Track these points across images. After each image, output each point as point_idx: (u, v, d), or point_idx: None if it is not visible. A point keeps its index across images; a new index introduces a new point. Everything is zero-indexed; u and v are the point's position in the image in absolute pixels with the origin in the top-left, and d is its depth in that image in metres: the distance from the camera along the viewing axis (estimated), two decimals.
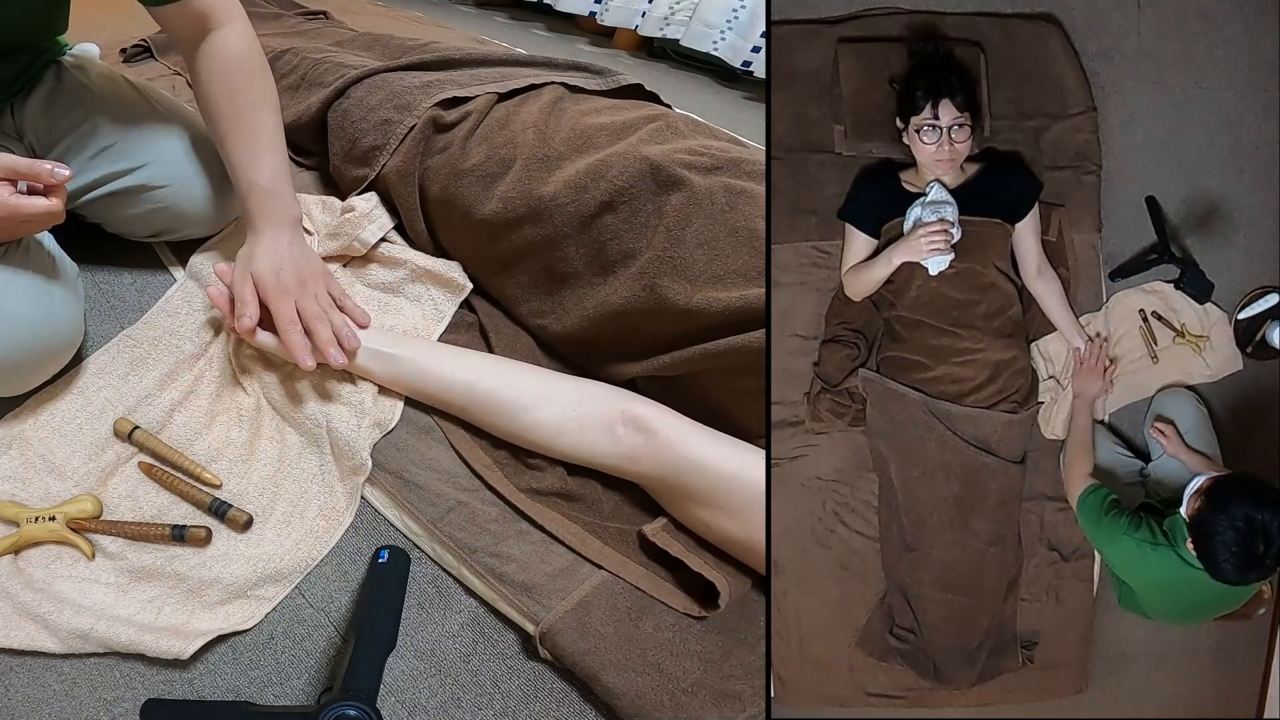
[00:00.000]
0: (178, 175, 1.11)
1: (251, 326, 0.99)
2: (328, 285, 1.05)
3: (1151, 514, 0.97)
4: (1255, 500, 0.81)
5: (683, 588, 0.90)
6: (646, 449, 0.92)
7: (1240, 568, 0.82)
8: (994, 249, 1.05)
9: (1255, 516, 0.81)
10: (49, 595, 0.85)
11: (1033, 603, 1.13)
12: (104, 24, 1.99)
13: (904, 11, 1.10)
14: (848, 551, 1.13)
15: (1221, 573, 0.84)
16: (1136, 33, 1.10)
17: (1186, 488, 0.89)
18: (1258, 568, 0.82)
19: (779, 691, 1.15)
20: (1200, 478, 0.89)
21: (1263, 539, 0.80)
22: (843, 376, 1.10)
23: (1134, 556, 0.95)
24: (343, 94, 1.35)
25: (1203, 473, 1.02)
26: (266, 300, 1.00)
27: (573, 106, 1.21)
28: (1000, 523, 1.08)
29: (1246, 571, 0.82)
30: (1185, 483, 1.03)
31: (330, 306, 1.03)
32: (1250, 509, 0.81)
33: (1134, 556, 0.95)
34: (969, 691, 1.13)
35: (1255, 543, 0.81)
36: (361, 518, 0.97)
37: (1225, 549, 0.82)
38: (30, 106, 1.12)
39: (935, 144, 1.00)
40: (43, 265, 0.98)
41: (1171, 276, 1.08)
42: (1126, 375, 1.13)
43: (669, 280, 0.96)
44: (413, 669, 0.86)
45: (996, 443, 1.06)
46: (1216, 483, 0.86)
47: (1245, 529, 0.81)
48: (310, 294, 1.02)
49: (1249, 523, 0.81)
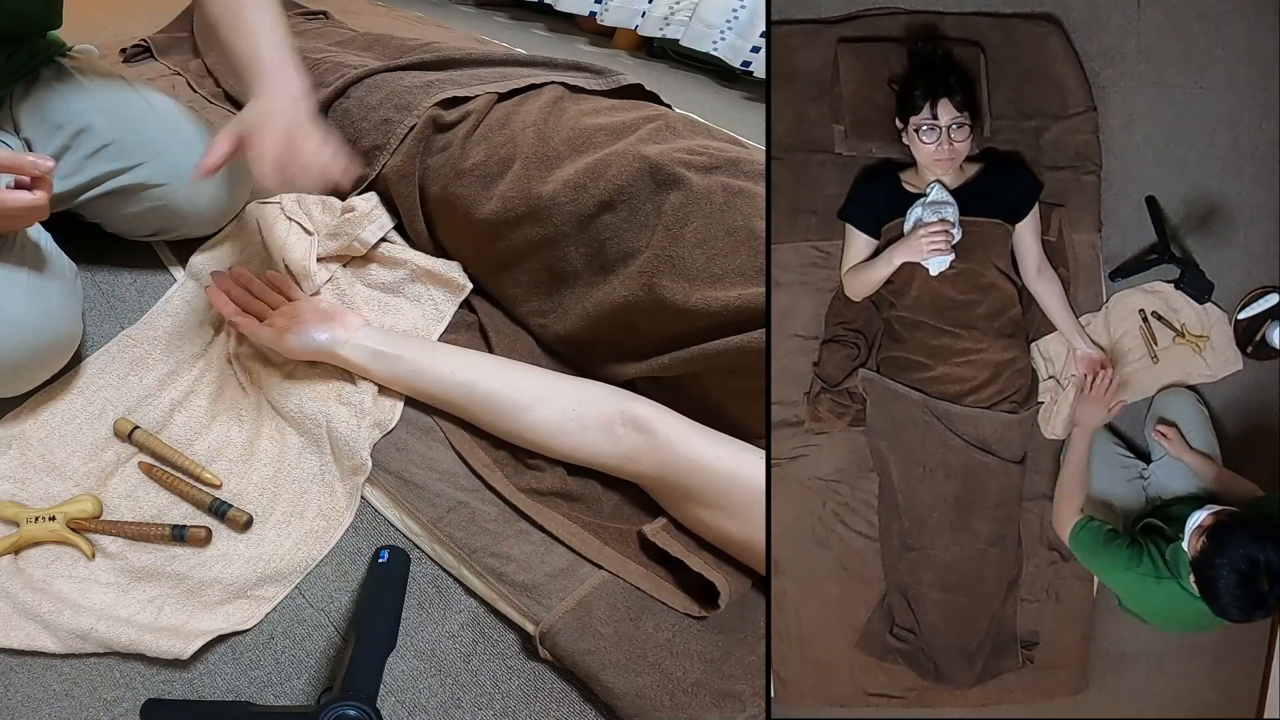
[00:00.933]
0: (176, 173, 1.11)
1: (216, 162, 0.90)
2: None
3: (1153, 535, 0.96)
4: (1257, 540, 0.81)
5: (683, 588, 0.90)
6: (646, 449, 0.92)
7: (1244, 608, 0.82)
8: (994, 249, 1.05)
9: (1258, 557, 0.81)
10: (49, 595, 0.85)
11: (1033, 603, 1.13)
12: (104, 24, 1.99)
13: (904, 11, 1.10)
14: (848, 551, 1.13)
15: (1226, 613, 0.84)
16: (1136, 33, 1.10)
17: (1188, 521, 0.88)
18: (1262, 607, 0.82)
19: (779, 691, 1.15)
20: (1202, 513, 0.88)
21: (1267, 578, 0.80)
22: (843, 376, 1.10)
23: (1138, 589, 0.95)
24: (343, 94, 1.35)
25: (1205, 474, 1.02)
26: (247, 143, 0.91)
27: (572, 106, 1.21)
28: (1000, 523, 1.08)
29: (1251, 611, 0.82)
30: (1186, 483, 1.04)
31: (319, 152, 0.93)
32: (1253, 549, 0.81)
33: (1138, 589, 0.95)
34: (969, 691, 1.13)
35: (1259, 583, 0.81)
36: (361, 518, 0.97)
37: (1228, 591, 0.82)
38: (27, 104, 1.11)
39: (934, 144, 1.00)
40: (40, 265, 0.98)
41: (1171, 276, 1.08)
42: (1127, 375, 1.13)
43: (667, 279, 0.96)
44: (413, 669, 0.86)
45: (996, 443, 1.06)
46: (1218, 523, 0.85)
47: (1248, 570, 0.81)
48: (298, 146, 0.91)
49: (1251, 563, 0.81)
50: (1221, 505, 0.92)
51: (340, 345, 1.04)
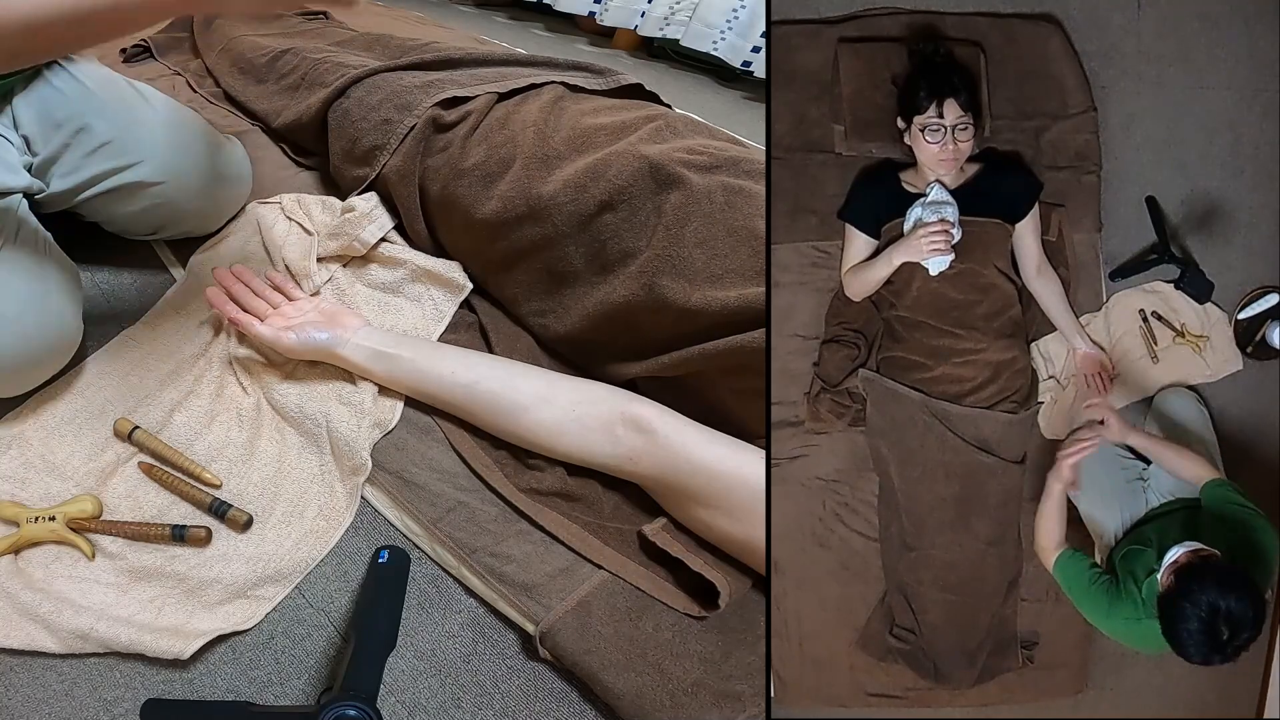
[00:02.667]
0: (175, 170, 1.11)
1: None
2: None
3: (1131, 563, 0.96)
4: (1221, 587, 0.81)
5: (683, 588, 0.90)
6: (647, 450, 0.92)
7: (1203, 652, 0.82)
8: (994, 249, 1.05)
9: (1220, 604, 0.80)
10: (49, 595, 0.85)
11: (1033, 603, 1.13)
12: None
13: (904, 11, 1.10)
14: (848, 551, 1.13)
15: (1185, 655, 0.84)
16: (1136, 33, 1.10)
17: (1166, 555, 0.88)
18: (1220, 653, 0.82)
19: (779, 691, 1.15)
20: (1179, 549, 0.87)
21: (1227, 626, 0.80)
22: (843, 376, 1.10)
23: (1121, 632, 0.95)
24: (343, 94, 1.35)
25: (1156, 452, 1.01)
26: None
27: (572, 106, 1.21)
28: (1000, 523, 1.08)
29: (1209, 656, 0.82)
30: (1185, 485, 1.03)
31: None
32: (1215, 597, 0.81)
33: (1121, 632, 0.95)
34: (969, 691, 1.13)
35: (1219, 629, 0.81)
36: (361, 518, 0.97)
37: (1189, 635, 0.82)
38: (26, 103, 1.11)
39: (939, 144, 1.00)
40: (40, 265, 0.98)
41: (1171, 276, 1.08)
42: (1127, 375, 1.13)
43: (668, 279, 0.96)
44: (413, 669, 0.86)
45: (997, 443, 1.06)
46: (1187, 564, 0.85)
47: (1208, 618, 0.81)
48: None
49: (1212, 611, 0.81)
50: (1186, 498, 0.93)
51: (340, 345, 1.04)
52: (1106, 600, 0.95)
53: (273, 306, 1.10)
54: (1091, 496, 1.08)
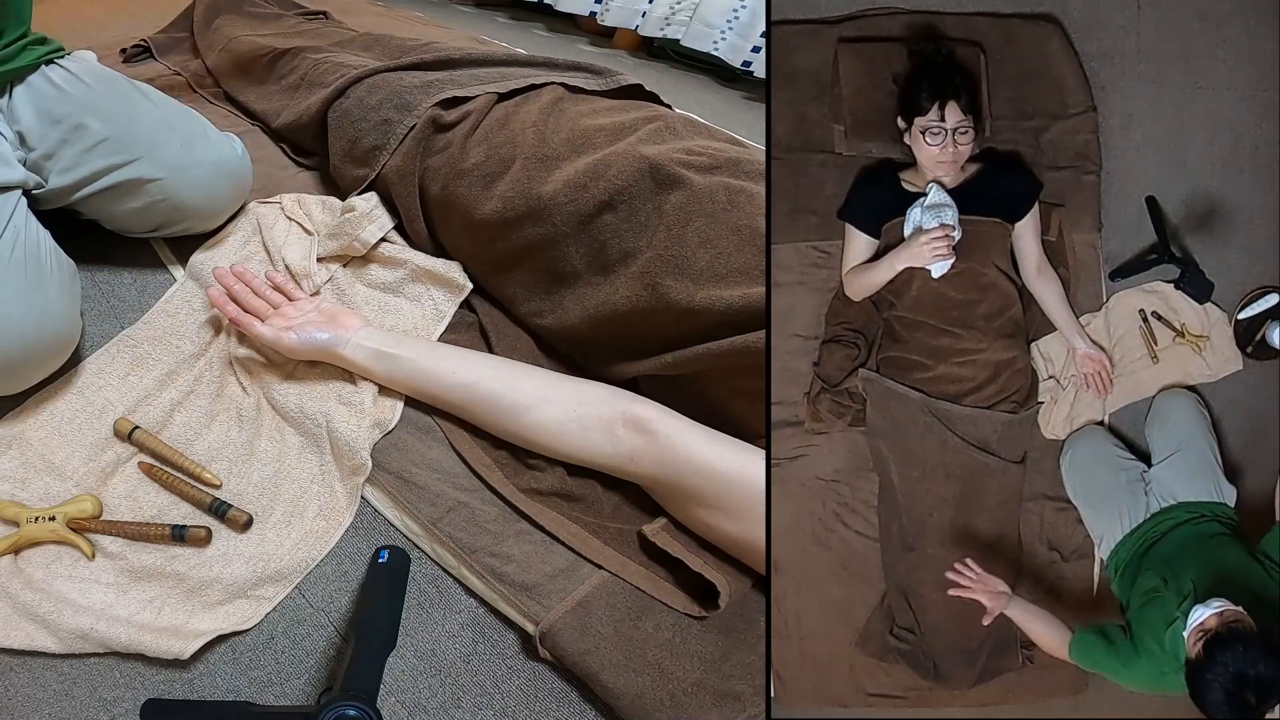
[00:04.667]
0: (174, 166, 1.11)
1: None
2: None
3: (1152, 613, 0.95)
4: (1249, 655, 0.82)
5: (683, 588, 0.90)
6: (647, 450, 0.92)
7: (1230, 717, 0.83)
8: (994, 249, 1.05)
9: (1248, 672, 0.81)
10: (49, 595, 0.85)
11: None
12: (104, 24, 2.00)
13: (904, 11, 1.10)
14: (848, 551, 1.13)
15: (1212, 717, 0.85)
16: (1136, 33, 1.10)
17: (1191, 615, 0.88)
18: (1247, 717, 0.83)
19: (779, 691, 1.15)
20: (1206, 611, 0.87)
21: (1255, 694, 0.81)
22: (843, 376, 1.10)
23: (1153, 686, 0.95)
24: (343, 94, 1.35)
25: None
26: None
27: (572, 107, 1.22)
28: (1000, 523, 1.08)
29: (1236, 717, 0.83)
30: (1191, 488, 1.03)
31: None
32: (1243, 665, 0.81)
33: (1153, 686, 0.95)
34: (969, 691, 1.12)
35: (1246, 696, 0.81)
36: (361, 518, 0.97)
37: (1215, 703, 0.83)
38: (24, 102, 1.11)
39: (939, 145, 1.00)
40: (37, 263, 0.98)
41: (1171, 276, 1.08)
42: (1126, 375, 1.13)
43: (671, 279, 0.96)
44: (413, 669, 0.86)
45: (996, 443, 1.06)
46: (1215, 634, 0.85)
47: (1235, 687, 0.82)
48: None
49: (1240, 681, 0.81)
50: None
51: (340, 345, 1.04)
52: (1119, 664, 0.95)
53: (273, 306, 1.10)
54: (1091, 499, 1.09)
